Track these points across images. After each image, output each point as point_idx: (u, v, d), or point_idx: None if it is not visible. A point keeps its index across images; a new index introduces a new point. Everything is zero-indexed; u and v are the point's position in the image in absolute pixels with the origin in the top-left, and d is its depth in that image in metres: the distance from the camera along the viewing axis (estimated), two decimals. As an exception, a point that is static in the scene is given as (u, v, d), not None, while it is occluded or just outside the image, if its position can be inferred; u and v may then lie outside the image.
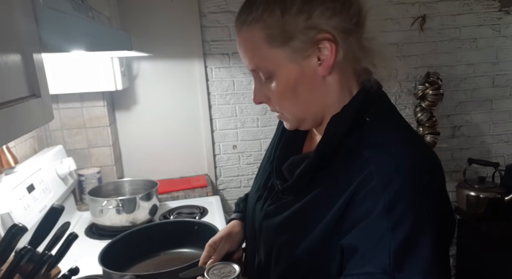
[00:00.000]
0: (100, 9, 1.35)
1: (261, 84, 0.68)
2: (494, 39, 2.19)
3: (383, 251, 0.54)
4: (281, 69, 0.64)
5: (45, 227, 0.78)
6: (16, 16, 0.62)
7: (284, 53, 0.63)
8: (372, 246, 0.55)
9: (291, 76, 0.64)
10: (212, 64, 2.01)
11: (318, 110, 0.68)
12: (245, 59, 0.67)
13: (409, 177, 0.58)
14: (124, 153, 2.03)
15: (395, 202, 0.55)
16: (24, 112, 0.59)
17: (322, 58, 0.62)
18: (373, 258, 0.54)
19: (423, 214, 0.55)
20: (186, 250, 1.24)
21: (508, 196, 1.99)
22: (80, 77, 1.59)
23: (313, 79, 0.65)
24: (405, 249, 0.53)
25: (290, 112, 0.69)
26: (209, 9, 1.95)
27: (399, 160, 0.59)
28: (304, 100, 0.67)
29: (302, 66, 0.64)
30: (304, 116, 0.69)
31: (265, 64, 0.65)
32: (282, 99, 0.67)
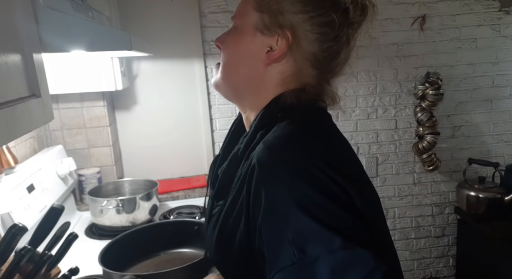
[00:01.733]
0: (100, 9, 1.35)
1: (229, 32, 0.74)
2: (494, 39, 2.19)
3: (283, 242, 0.53)
4: (244, 28, 0.70)
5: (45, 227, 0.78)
6: (16, 16, 0.62)
7: (255, 19, 0.68)
8: (272, 242, 0.55)
9: (244, 38, 0.70)
10: (212, 64, 2.01)
11: (240, 84, 0.72)
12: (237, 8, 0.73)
13: (283, 161, 0.57)
14: (124, 153, 2.03)
15: (274, 192, 0.55)
16: (24, 112, 0.59)
17: (272, 49, 0.67)
18: (276, 254, 0.54)
19: (306, 193, 0.54)
20: (186, 250, 1.24)
21: (508, 196, 1.99)
22: (80, 77, 1.59)
23: (255, 60, 0.69)
24: (301, 233, 0.52)
25: (223, 66, 0.72)
26: (209, 9, 1.95)
27: (276, 146, 0.60)
28: (239, 72, 0.71)
29: (255, 40, 0.68)
30: (229, 87, 0.73)
31: (241, 17, 0.71)
32: (226, 53, 0.72)
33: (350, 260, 0.49)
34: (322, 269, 0.49)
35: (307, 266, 0.50)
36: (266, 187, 0.56)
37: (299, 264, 0.51)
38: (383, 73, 2.14)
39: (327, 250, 0.50)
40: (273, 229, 0.55)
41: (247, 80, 0.71)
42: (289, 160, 0.57)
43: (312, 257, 0.50)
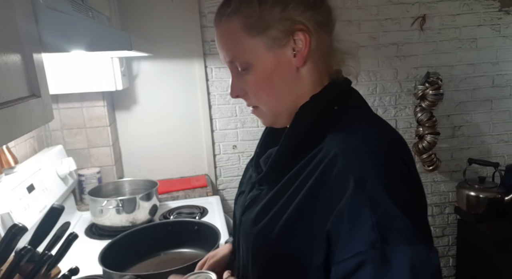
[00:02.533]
0: (100, 9, 1.35)
1: (238, 78, 0.70)
2: (494, 39, 2.19)
3: (366, 227, 0.54)
4: (258, 59, 0.66)
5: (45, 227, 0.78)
6: (16, 16, 0.62)
7: (262, 42, 0.65)
8: (355, 225, 0.55)
9: (267, 65, 0.67)
10: (212, 64, 2.01)
11: (292, 103, 0.70)
12: (222, 51, 0.69)
13: (374, 151, 0.60)
14: (124, 153, 2.03)
15: (365, 178, 0.56)
16: (24, 112, 0.59)
17: (297, 50, 0.66)
18: (358, 237, 0.55)
19: (393, 183, 0.57)
20: (186, 250, 1.24)
21: (508, 196, 1.99)
22: (80, 77, 1.59)
23: (288, 70, 0.67)
24: (386, 220, 0.54)
25: (266, 104, 0.70)
26: (209, 9, 1.95)
27: (363, 137, 0.62)
28: (280, 91, 0.69)
29: (278, 56, 0.66)
30: (279, 109, 0.70)
31: (242, 54, 0.67)
32: (259, 90, 0.69)
33: (426, 256, 0.54)
34: (401, 258, 0.52)
35: (387, 253, 0.53)
36: (355, 174, 0.57)
37: (380, 249, 0.53)
38: (383, 73, 2.14)
39: (408, 240, 0.53)
40: (356, 212, 0.55)
41: (291, 93, 0.69)
42: (377, 151, 0.60)
43: (393, 245, 0.53)
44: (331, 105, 0.68)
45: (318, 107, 0.68)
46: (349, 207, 0.56)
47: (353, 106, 0.70)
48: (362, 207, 0.55)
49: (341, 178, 0.57)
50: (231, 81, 0.71)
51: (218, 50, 0.70)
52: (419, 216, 0.58)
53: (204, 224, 1.24)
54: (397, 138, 0.66)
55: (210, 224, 1.22)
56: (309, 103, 0.68)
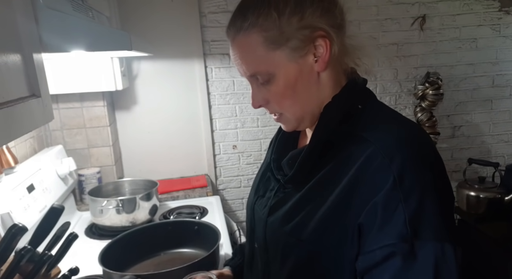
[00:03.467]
0: (100, 9, 1.35)
1: (259, 89, 0.70)
2: (494, 39, 2.19)
3: (399, 221, 0.56)
4: (280, 70, 0.66)
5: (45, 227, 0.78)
6: (16, 16, 0.62)
7: (283, 54, 0.65)
8: (388, 218, 0.57)
9: (290, 75, 0.66)
10: (212, 64, 2.01)
11: (315, 107, 0.70)
12: (242, 66, 0.69)
13: (411, 149, 0.61)
14: (124, 153, 2.03)
15: (403, 174, 0.58)
16: (24, 112, 0.59)
17: (318, 55, 0.66)
18: (390, 230, 0.57)
19: (429, 182, 0.59)
20: (186, 250, 1.24)
21: (508, 196, 1.99)
22: (80, 77, 1.59)
23: (310, 76, 0.68)
24: (418, 216, 0.56)
25: (290, 111, 0.70)
26: (209, 9, 1.95)
27: (398, 136, 0.63)
28: (303, 97, 0.69)
29: (300, 65, 0.66)
30: (303, 114, 0.71)
31: (264, 67, 0.66)
32: (282, 99, 0.69)
33: (451, 255, 0.56)
34: (427, 254, 0.55)
35: (415, 247, 0.55)
36: (394, 170, 0.58)
37: (409, 243, 0.55)
38: (383, 73, 2.14)
39: (437, 238, 0.56)
40: (391, 207, 0.57)
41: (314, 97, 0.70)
42: (415, 148, 0.62)
43: (423, 240, 0.55)
44: (354, 104, 0.69)
45: (342, 106, 0.68)
46: (385, 201, 0.58)
47: (375, 104, 0.72)
48: (398, 202, 0.57)
49: (380, 174, 0.59)
50: (252, 93, 0.71)
51: (236, 64, 0.70)
52: (449, 215, 0.61)
53: (204, 224, 1.24)
54: (426, 135, 0.68)
55: (210, 224, 1.22)
56: (332, 103, 0.69)
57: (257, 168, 2.15)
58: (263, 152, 2.13)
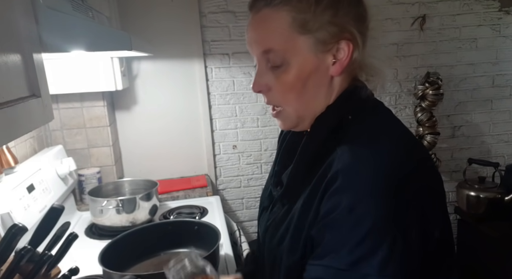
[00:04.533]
0: (100, 9, 1.35)
1: (266, 72, 0.66)
2: (494, 39, 2.19)
3: (342, 248, 0.55)
4: (297, 58, 0.63)
5: (45, 227, 0.78)
6: (16, 16, 0.62)
7: (307, 42, 0.62)
8: (334, 242, 0.56)
9: (306, 67, 0.63)
10: (212, 64, 2.01)
11: (318, 109, 0.67)
12: (256, 39, 0.64)
13: (373, 173, 0.57)
14: (124, 153, 2.03)
15: (355, 203, 0.55)
16: (24, 112, 0.59)
17: (337, 58, 0.64)
18: (331, 252, 0.56)
19: (387, 215, 0.54)
20: (186, 250, 1.24)
21: (508, 196, 1.99)
22: (80, 77, 1.59)
23: (324, 76, 0.65)
24: (363, 248, 0.54)
25: (292, 106, 0.66)
26: (209, 9, 1.95)
27: (366, 159, 0.59)
28: (310, 95, 0.66)
29: (319, 60, 0.64)
30: (305, 113, 0.67)
31: (282, 47, 0.63)
32: (289, 91, 0.65)
33: None
34: None
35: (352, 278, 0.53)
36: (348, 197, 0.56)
37: (347, 272, 0.53)
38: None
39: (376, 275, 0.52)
40: (338, 229, 0.56)
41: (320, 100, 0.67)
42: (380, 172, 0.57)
43: (361, 274, 0.53)
44: (346, 115, 0.66)
45: (333, 118, 0.66)
46: (334, 224, 0.57)
47: (369, 115, 0.67)
48: (345, 229, 0.55)
49: (336, 195, 0.57)
50: (256, 74, 0.66)
51: (250, 39, 0.66)
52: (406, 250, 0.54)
53: (204, 224, 1.24)
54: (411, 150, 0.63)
55: (210, 224, 1.22)
56: (324, 114, 0.67)
57: (257, 168, 2.15)
58: (263, 152, 2.13)
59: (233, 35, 1.99)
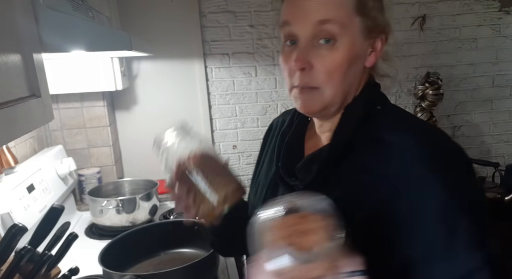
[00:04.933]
0: (100, 9, 1.35)
1: (311, 47, 0.63)
2: (494, 39, 2.19)
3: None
4: (349, 37, 0.62)
5: (45, 227, 0.78)
6: (16, 16, 0.62)
7: (360, 24, 0.63)
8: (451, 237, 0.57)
9: (354, 49, 0.63)
10: (212, 64, 2.01)
11: (348, 97, 0.68)
12: (318, 6, 0.62)
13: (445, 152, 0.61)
14: (124, 153, 2.03)
15: (448, 177, 0.58)
16: (24, 112, 0.59)
17: (375, 49, 0.66)
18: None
19: (461, 183, 0.59)
20: (186, 250, 1.24)
21: (508, 196, 1.99)
22: (80, 77, 1.59)
23: (360, 65, 0.66)
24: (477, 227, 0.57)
25: (332, 88, 0.64)
26: (209, 9, 1.95)
27: (427, 136, 0.63)
28: (349, 81, 0.66)
29: (364, 45, 0.65)
30: (339, 99, 0.66)
31: (341, 21, 0.61)
32: (334, 70, 0.63)
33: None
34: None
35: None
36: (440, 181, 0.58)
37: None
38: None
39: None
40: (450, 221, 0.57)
41: (352, 87, 0.67)
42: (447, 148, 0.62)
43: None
44: (374, 105, 0.68)
45: (361, 108, 0.67)
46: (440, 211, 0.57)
47: (393, 107, 0.72)
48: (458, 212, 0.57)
49: (423, 184, 0.58)
50: (300, 50, 0.63)
51: (305, 5, 0.62)
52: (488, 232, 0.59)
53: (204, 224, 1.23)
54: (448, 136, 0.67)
55: (210, 224, 1.22)
56: (353, 104, 0.68)
57: (257, 168, 2.15)
58: (263, 152, 2.13)
59: (233, 35, 1.99)
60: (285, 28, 0.66)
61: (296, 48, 0.64)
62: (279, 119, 0.90)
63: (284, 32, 0.67)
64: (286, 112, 0.90)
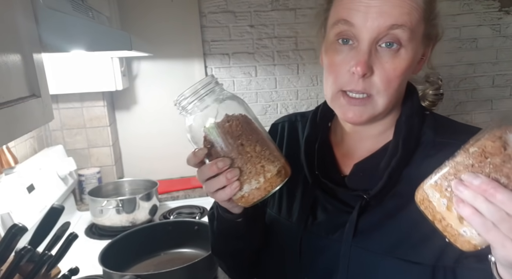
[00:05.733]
0: (100, 9, 1.35)
1: (375, 54, 0.58)
2: (494, 39, 2.18)
3: None
4: (414, 44, 0.59)
5: (45, 227, 0.78)
6: (16, 16, 0.62)
7: (424, 31, 0.61)
8: None
9: (416, 56, 0.61)
10: (212, 64, 2.01)
11: (396, 106, 0.67)
12: (392, 10, 0.56)
13: None
14: (124, 153, 2.03)
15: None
16: (24, 112, 0.59)
17: (424, 56, 0.65)
18: None
19: None
20: (186, 250, 1.24)
21: (508, 196, 1.99)
22: (80, 77, 1.59)
23: (411, 71, 0.63)
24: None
25: (387, 97, 0.60)
26: (209, 9, 1.95)
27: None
28: (402, 89, 0.64)
29: (420, 52, 0.62)
30: (391, 105, 0.62)
31: (412, 27, 0.57)
32: (395, 78, 0.59)
33: None
34: None
35: None
36: None
37: None
38: (383, 73, 2.14)
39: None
40: None
41: (402, 93, 0.66)
42: None
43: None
44: (422, 111, 0.68)
45: (416, 113, 0.66)
46: None
47: (431, 111, 0.72)
48: None
49: None
50: (365, 55, 0.57)
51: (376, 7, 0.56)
52: None
53: (204, 224, 1.23)
54: None
55: (210, 224, 1.22)
56: (407, 110, 0.66)
57: (257, 168, 2.14)
58: (263, 152, 2.13)
59: (233, 35, 1.99)
60: (341, 26, 0.60)
61: (353, 50, 0.59)
62: (284, 124, 0.84)
63: (338, 30, 0.60)
64: (290, 117, 0.84)
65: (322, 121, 0.75)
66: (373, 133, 0.68)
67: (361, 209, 0.63)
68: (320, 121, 0.74)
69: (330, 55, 0.62)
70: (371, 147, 0.68)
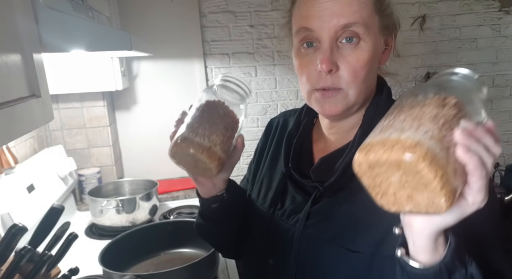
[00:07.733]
0: (100, 9, 1.35)
1: (337, 50, 0.63)
2: (494, 39, 2.19)
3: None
4: (372, 36, 0.64)
5: (45, 227, 0.78)
6: (16, 16, 0.62)
7: (379, 22, 0.65)
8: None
9: (377, 47, 0.65)
10: (212, 64, 2.01)
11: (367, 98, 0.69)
12: (342, 10, 0.61)
13: None
14: (124, 153, 2.03)
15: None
16: (24, 112, 0.59)
17: (388, 46, 0.69)
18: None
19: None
20: (186, 250, 1.24)
21: (508, 196, 1.98)
22: (80, 77, 1.59)
23: (376, 63, 0.68)
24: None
25: (356, 88, 0.64)
26: (209, 9, 1.95)
27: None
28: (370, 80, 0.67)
29: (381, 43, 0.67)
30: (360, 99, 0.67)
31: (365, 22, 0.62)
32: (360, 70, 0.63)
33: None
34: None
35: None
36: None
37: None
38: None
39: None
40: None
41: (371, 85, 0.69)
42: None
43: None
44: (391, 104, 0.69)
45: (383, 106, 0.68)
46: None
47: None
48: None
49: None
50: (325, 51, 0.63)
51: (327, 9, 0.62)
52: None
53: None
54: None
55: (210, 224, 1.22)
56: (374, 106, 0.69)
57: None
58: (263, 152, 2.13)
59: (233, 35, 1.99)
60: (302, 33, 0.66)
61: (317, 51, 0.65)
62: (279, 119, 0.90)
63: (301, 37, 0.66)
64: (286, 113, 0.90)
65: (308, 118, 0.80)
66: (346, 128, 0.72)
67: (315, 199, 0.69)
68: (304, 118, 0.80)
69: (298, 59, 0.68)
70: (341, 141, 0.72)
